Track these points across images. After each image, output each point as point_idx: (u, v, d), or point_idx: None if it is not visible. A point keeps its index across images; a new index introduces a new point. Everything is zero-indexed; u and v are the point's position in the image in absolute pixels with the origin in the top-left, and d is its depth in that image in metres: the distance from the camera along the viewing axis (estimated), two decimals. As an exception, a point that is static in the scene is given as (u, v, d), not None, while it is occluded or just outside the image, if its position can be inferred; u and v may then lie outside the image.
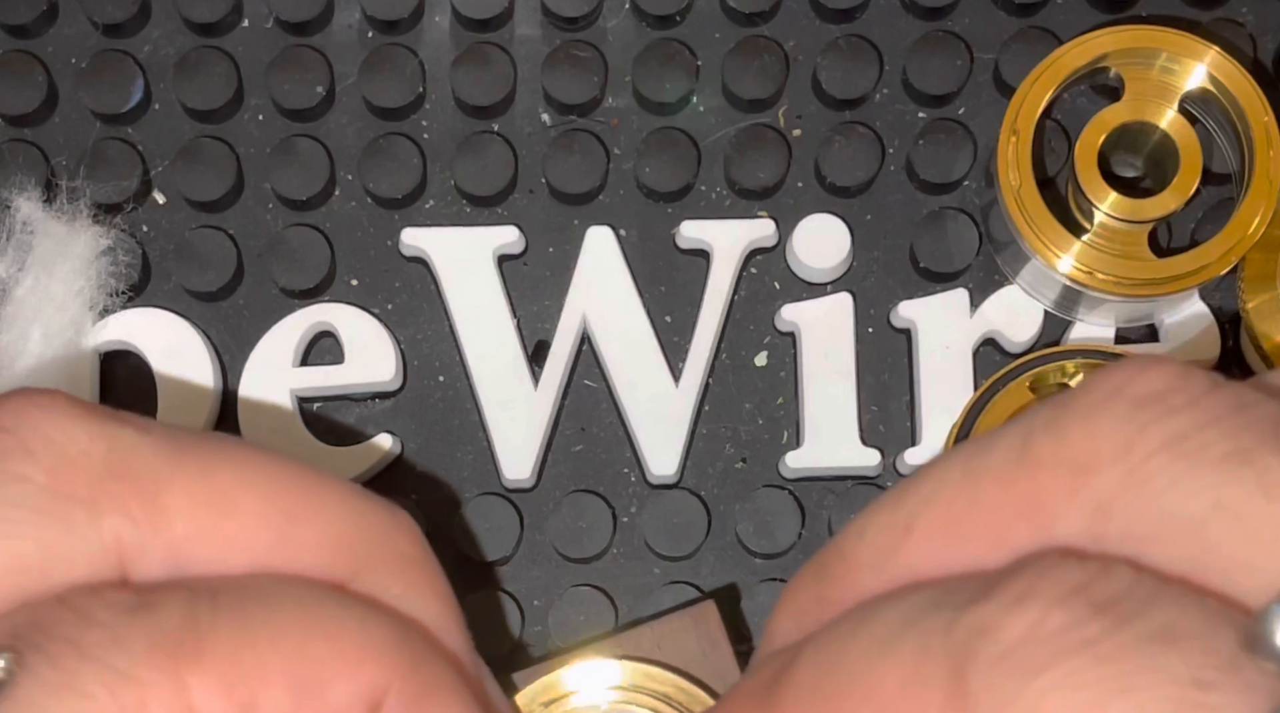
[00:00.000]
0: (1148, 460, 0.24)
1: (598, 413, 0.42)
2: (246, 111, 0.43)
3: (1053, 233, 0.39)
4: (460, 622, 0.30)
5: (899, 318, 0.42)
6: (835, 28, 0.43)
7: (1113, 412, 0.24)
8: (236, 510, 0.27)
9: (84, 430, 0.27)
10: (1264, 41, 0.43)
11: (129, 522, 0.26)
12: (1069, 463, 0.24)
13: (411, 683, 0.27)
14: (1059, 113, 0.42)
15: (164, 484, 0.27)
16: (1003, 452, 0.25)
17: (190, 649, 0.25)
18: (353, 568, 0.28)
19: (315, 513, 0.28)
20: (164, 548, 0.27)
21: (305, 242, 0.42)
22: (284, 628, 0.26)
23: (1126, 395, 0.25)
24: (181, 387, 0.41)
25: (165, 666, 0.25)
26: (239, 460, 0.28)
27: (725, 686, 0.35)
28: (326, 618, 0.27)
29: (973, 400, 0.39)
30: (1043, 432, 0.25)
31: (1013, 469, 0.25)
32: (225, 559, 0.27)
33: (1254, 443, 0.24)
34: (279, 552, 0.27)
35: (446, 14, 0.43)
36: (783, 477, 0.41)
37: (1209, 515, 0.23)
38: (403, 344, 0.42)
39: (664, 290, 0.42)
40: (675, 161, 0.42)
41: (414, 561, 0.29)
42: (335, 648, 0.26)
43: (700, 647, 0.35)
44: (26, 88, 0.42)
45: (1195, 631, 0.22)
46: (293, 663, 0.26)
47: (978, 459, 0.26)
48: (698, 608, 0.35)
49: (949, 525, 0.26)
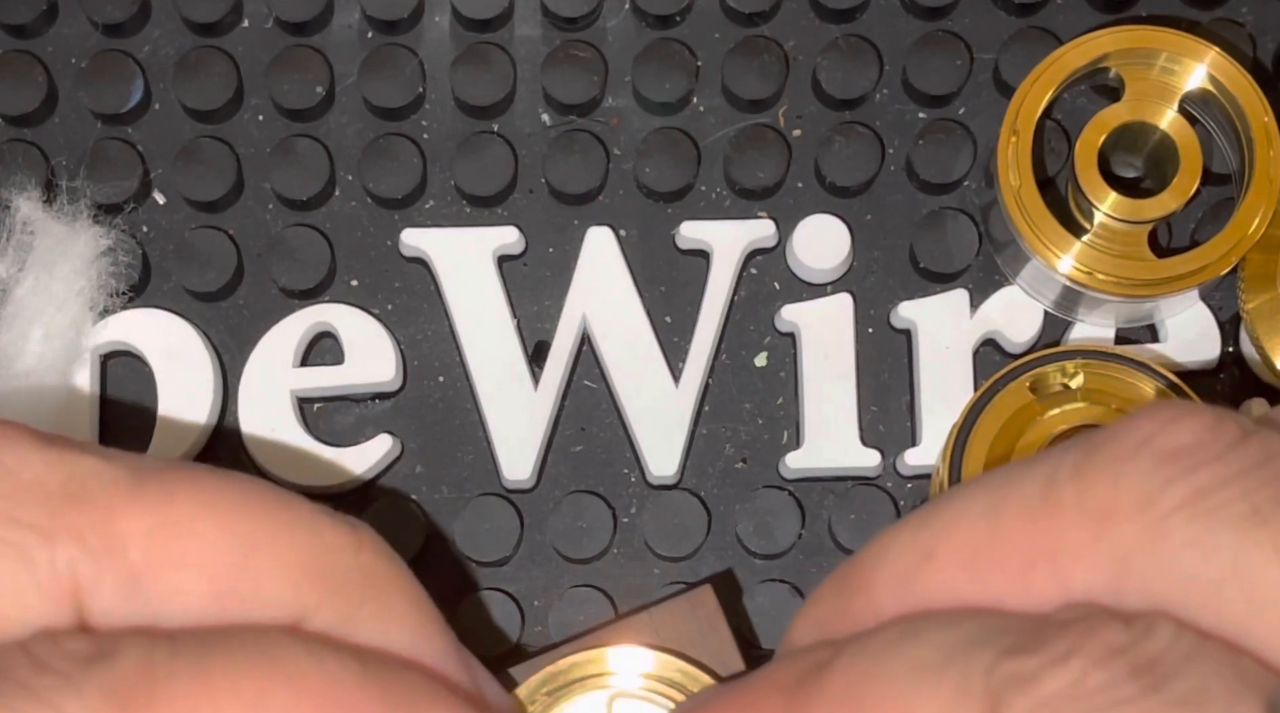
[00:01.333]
0: (1168, 517, 0.24)
1: (598, 413, 0.42)
2: (246, 111, 0.43)
3: (1053, 233, 0.39)
4: (439, 626, 0.29)
5: (899, 318, 0.42)
6: (835, 28, 0.43)
7: (1138, 464, 0.25)
8: (195, 537, 0.27)
9: (40, 457, 0.27)
10: (1264, 41, 0.43)
11: (83, 551, 0.26)
12: (1092, 511, 0.25)
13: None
14: (1059, 113, 0.42)
15: (120, 511, 0.27)
16: (1028, 489, 0.26)
17: (144, 699, 0.25)
18: (317, 592, 0.28)
19: (275, 538, 0.28)
20: (119, 577, 0.27)
21: (305, 242, 0.42)
22: (243, 675, 0.26)
23: (1154, 448, 0.25)
24: (181, 387, 0.41)
25: None
26: (199, 487, 0.28)
27: (724, 668, 0.35)
28: (286, 661, 0.26)
29: (973, 401, 0.39)
30: (1069, 476, 0.25)
31: (1036, 510, 0.26)
32: (183, 588, 0.27)
33: (1271, 501, 0.24)
34: (239, 579, 0.27)
35: (446, 14, 0.43)
36: (783, 477, 0.41)
37: (1225, 578, 0.24)
38: (403, 344, 0.42)
39: (664, 290, 0.42)
40: (675, 161, 0.42)
41: (380, 575, 0.29)
42: (296, 692, 0.26)
43: (699, 630, 0.35)
44: (26, 88, 0.42)
45: (1226, 694, 0.23)
46: (251, 711, 0.26)
47: (1002, 494, 0.26)
48: (695, 593, 0.35)
49: (969, 558, 0.26)
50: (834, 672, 0.26)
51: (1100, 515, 0.25)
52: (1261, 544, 0.24)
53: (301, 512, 0.28)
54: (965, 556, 0.26)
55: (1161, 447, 0.25)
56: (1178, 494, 0.24)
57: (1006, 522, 0.26)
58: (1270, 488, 0.24)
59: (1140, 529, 0.24)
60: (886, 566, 0.27)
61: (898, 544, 0.27)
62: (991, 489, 0.26)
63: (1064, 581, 0.25)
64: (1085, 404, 0.39)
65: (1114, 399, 0.39)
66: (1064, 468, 0.26)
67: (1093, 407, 0.39)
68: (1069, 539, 0.25)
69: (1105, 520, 0.25)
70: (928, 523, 0.27)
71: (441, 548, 0.41)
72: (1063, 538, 0.25)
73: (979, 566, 0.26)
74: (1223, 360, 0.41)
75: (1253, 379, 0.41)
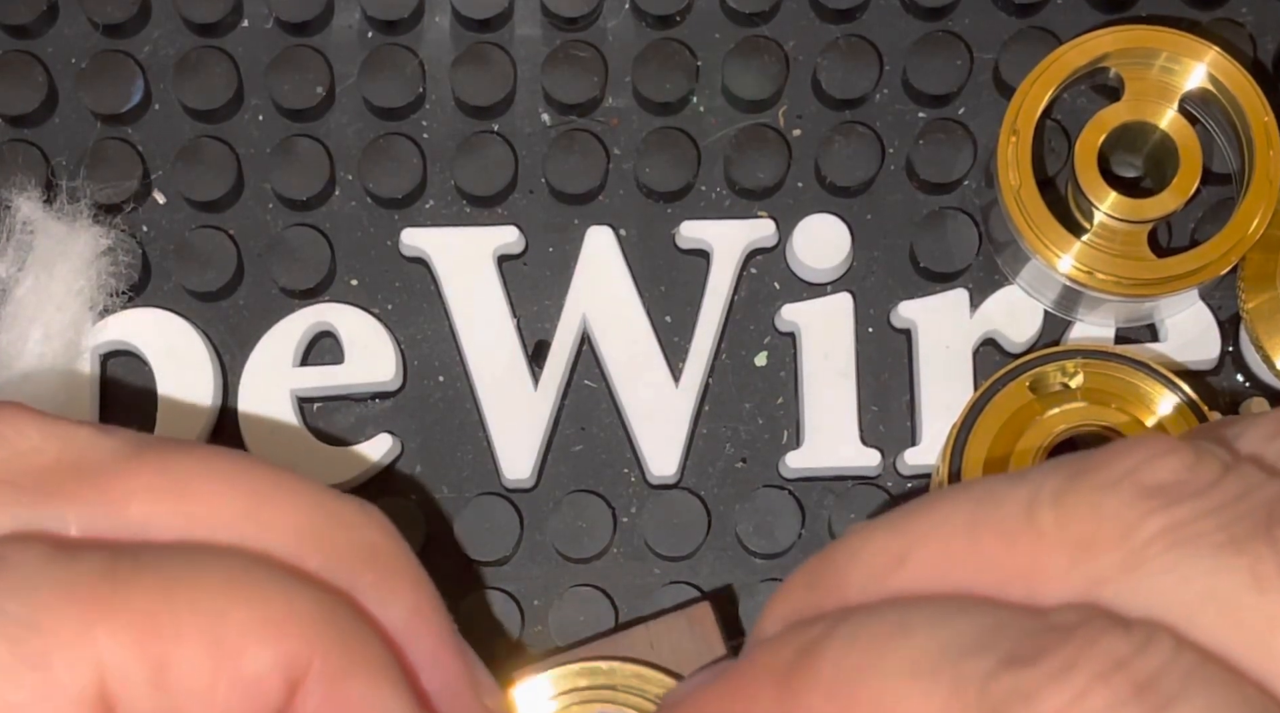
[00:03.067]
0: (1146, 547, 0.25)
1: (598, 413, 0.42)
2: (246, 111, 0.43)
3: (1053, 233, 0.39)
4: (438, 609, 0.29)
5: (899, 318, 0.42)
6: (835, 28, 0.43)
7: (1119, 495, 0.25)
8: (198, 495, 0.27)
9: (37, 429, 0.27)
10: (1264, 41, 0.43)
11: (81, 505, 0.26)
12: (1072, 539, 0.25)
13: (335, 658, 0.26)
14: (1059, 113, 0.42)
15: (120, 476, 0.27)
16: (1009, 509, 0.26)
17: (103, 602, 0.25)
18: (322, 554, 0.28)
19: (283, 499, 0.28)
20: (118, 528, 0.26)
21: (305, 242, 0.42)
22: (205, 591, 0.26)
23: (1136, 481, 0.25)
24: (181, 387, 0.41)
25: (74, 615, 0.24)
26: (202, 455, 0.28)
27: None
28: (251, 585, 0.26)
29: (973, 400, 0.39)
30: (1049, 501, 0.26)
31: (1016, 530, 0.26)
32: (184, 539, 0.27)
33: (1248, 533, 0.24)
34: (245, 532, 0.27)
35: (446, 14, 0.43)
36: (783, 477, 0.41)
37: (1202, 601, 0.24)
38: (403, 344, 0.42)
39: (664, 290, 0.42)
40: (675, 161, 0.42)
41: (386, 551, 0.29)
42: (256, 615, 0.26)
43: (695, 647, 0.35)
44: (26, 88, 0.42)
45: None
46: (210, 626, 0.25)
47: (984, 510, 0.26)
48: (693, 609, 0.35)
49: (943, 568, 0.26)
50: (825, 658, 0.26)
51: (1079, 544, 0.25)
52: (1238, 569, 0.24)
53: (307, 483, 0.28)
54: (940, 566, 0.26)
55: (1143, 480, 0.25)
56: (1156, 525, 0.25)
57: (984, 539, 0.26)
58: (1248, 521, 0.24)
59: (1119, 559, 0.25)
60: (859, 565, 0.27)
61: (872, 545, 0.27)
62: (974, 502, 0.26)
63: (1036, 603, 0.25)
64: (1085, 404, 0.39)
65: (1114, 399, 0.39)
66: (1045, 492, 0.26)
67: (1093, 406, 0.39)
68: (1045, 563, 0.25)
69: (1084, 548, 0.25)
70: (904, 526, 0.27)
71: (441, 548, 0.41)
72: (1039, 561, 0.25)
73: (953, 578, 0.26)
74: (1223, 360, 0.41)
75: (1253, 379, 0.41)
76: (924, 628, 0.25)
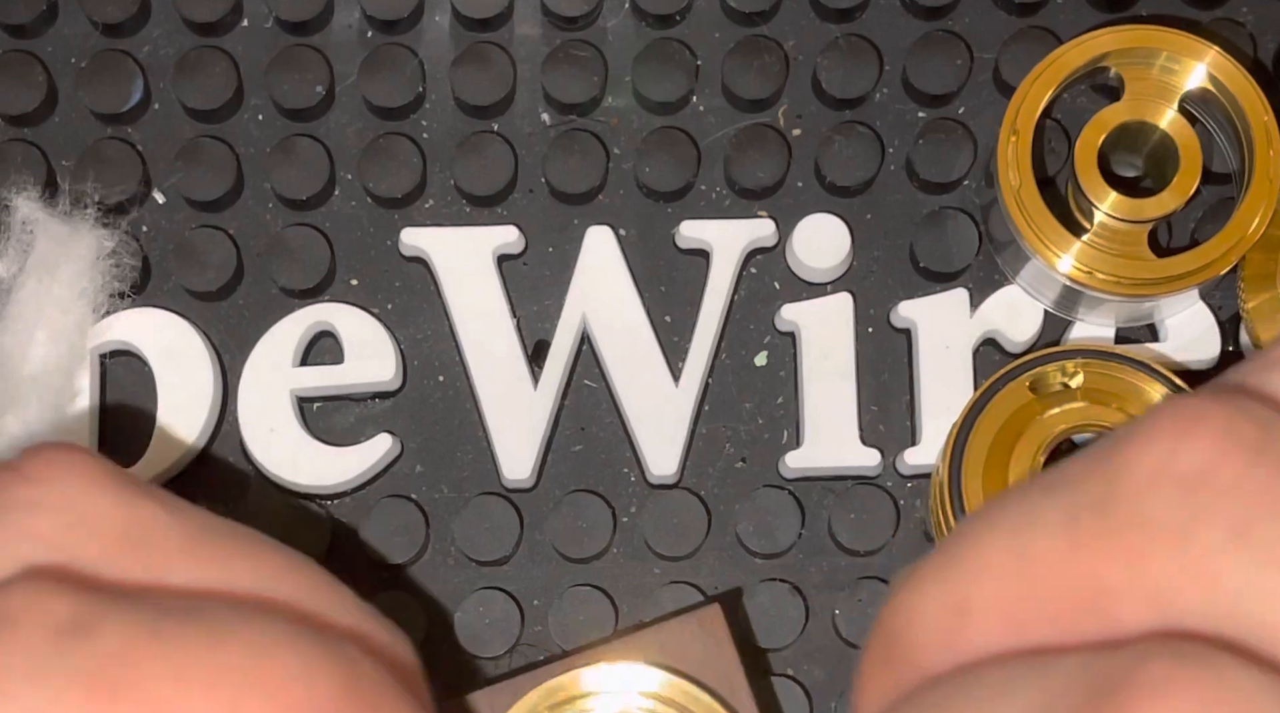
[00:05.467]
0: (1212, 557, 0.23)
1: (598, 413, 0.42)
2: (246, 111, 0.43)
3: (1053, 233, 0.39)
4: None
5: (899, 318, 0.42)
6: (835, 28, 0.43)
7: (1162, 495, 0.24)
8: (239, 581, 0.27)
9: (106, 497, 0.27)
10: (1264, 41, 0.43)
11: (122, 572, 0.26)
12: (1126, 551, 0.24)
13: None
14: (1059, 113, 0.42)
15: (174, 564, 0.26)
16: (1050, 530, 0.25)
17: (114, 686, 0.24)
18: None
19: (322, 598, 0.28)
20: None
21: (305, 242, 0.42)
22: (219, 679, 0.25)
23: (1172, 475, 0.24)
24: (181, 387, 0.41)
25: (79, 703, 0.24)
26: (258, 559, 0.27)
27: (729, 690, 0.34)
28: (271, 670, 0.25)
29: (973, 400, 0.39)
30: (1091, 515, 0.24)
31: (1064, 553, 0.24)
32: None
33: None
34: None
35: (446, 14, 0.43)
36: (783, 477, 0.41)
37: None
38: (403, 344, 0.42)
39: (664, 290, 0.42)
40: (675, 161, 0.42)
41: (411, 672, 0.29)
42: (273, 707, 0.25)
43: (705, 650, 0.35)
44: (26, 88, 0.42)
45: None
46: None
47: (1023, 539, 0.25)
48: (703, 611, 0.35)
49: (1008, 611, 0.25)
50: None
51: (1134, 554, 0.24)
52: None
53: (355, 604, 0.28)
54: (1003, 608, 0.25)
55: (1178, 471, 0.24)
56: (1215, 530, 0.23)
57: (1037, 570, 0.25)
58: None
59: (1181, 567, 0.23)
60: (924, 629, 0.26)
61: (927, 603, 0.26)
62: (1010, 533, 0.25)
63: (1111, 625, 0.24)
64: (1085, 404, 0.39)
65: (1114, 399, 0.39)
66: (1084, 506, 0.24)
67: (1092, 406, 0.39)
68: (1106, 583, 0.24)
69: (1140, 559, 0.24)
70: (952, 574, 0.26)
71: (441, 548, 0.41)
72: (1099, 582, 0.24)
73: (1020, 617, 0.25)
74: (1223, 360, 0.41)
75: (1253, 379, 0.41)
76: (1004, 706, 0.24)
